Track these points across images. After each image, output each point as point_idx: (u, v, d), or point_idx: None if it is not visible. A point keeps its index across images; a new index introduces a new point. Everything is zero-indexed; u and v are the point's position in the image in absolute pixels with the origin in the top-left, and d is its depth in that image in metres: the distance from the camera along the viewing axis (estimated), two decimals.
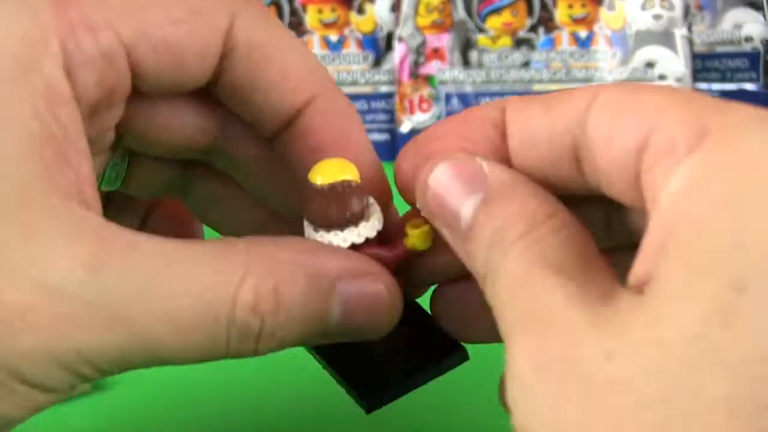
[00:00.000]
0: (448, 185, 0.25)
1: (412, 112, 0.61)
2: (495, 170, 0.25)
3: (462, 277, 0.28)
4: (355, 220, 0.27)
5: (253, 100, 0.29)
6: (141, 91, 0.28)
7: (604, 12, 0.63)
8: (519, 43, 0.63)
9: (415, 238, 0.27)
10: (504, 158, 0.26)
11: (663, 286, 0.20)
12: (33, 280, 0.23)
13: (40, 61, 0.25)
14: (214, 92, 0.29)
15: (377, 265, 0.27)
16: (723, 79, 0.65)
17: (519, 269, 0.23)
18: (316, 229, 0.27)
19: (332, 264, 0.26)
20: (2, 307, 0.23)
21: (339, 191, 0.27)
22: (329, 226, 0.27)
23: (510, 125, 0.26)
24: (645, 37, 0.62)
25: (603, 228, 0.28)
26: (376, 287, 0.27)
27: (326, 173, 0.27)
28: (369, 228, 0.27)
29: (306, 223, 0.27)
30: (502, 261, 0.23)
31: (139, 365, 0.24)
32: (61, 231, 0.24)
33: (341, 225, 0.27)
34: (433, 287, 0.30)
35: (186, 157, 0.31)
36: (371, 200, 0.28)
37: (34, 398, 0.24)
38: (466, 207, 0.25)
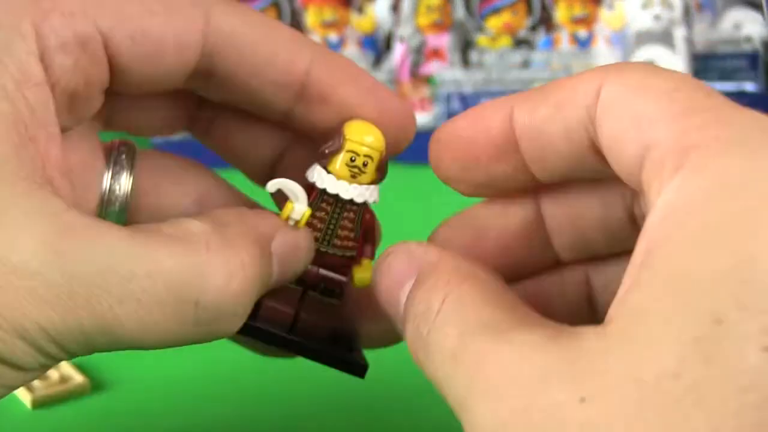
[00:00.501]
0: (390, 279, 0.26)
1: None
2: (426, 254, 0.26)
3: None
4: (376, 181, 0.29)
5: (252, 85, 0.29)
6: (122, 86, 0.28)
7: (603, 12, 0.63)
8: (519, 43, 0.63)
9: (360, 276, 0.29)
10: (518, 163, 0.26)
11: (640, 322, 0.20)
12: None
13: (12, 44, 0.25)
14: (209, 92, 0.30)
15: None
16: (722, 79, 0.65)
17: (450, 337, 0.23)
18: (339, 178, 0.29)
19: (268, 220, 0.28)
20: None
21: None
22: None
23: (521, 129, 0.26)
24: (645, 37, 0.62)
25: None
26: (296, 238, 0.28)
27: (368, 138, 0.29)
28: (376, 192, 0.29)
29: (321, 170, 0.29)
30: (432, 333, 0.23)
31: (103, 347, 0.25)
32: (25, 212, 0.24)
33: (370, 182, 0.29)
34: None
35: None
36: None
37: (5, 375, 0.24)
38: (402, 294, 0.25)
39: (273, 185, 0.29)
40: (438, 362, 0.23)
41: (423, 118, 0.61)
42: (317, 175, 0.29)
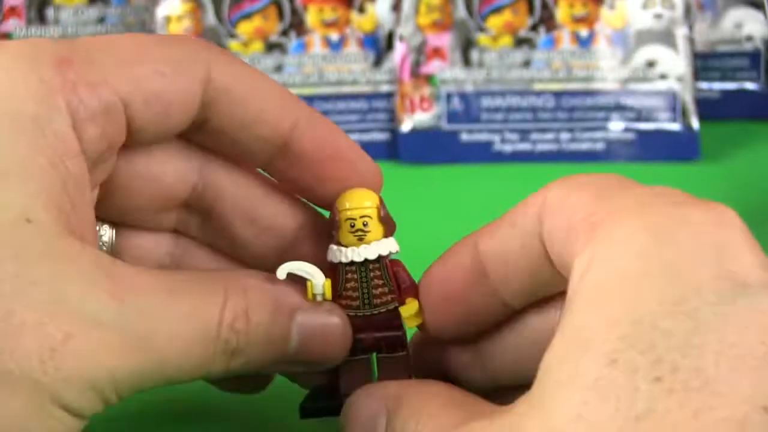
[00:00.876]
0: (360, 428, 0.29)
1: (412, 111, 0.61)
2: (387, 392, 0.29)
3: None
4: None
5: (239, 137, 0.31)
6: (130, 142, 0.30)
7: (604, 11, 0.63)
8: (520, 42, 0.62)
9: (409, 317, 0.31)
10: (489, 290, 0.29)
11: (550, 379, 0.22)
12: (71, 312, 0.25)
13: (52, 118, 0.27)
14: (199, 139, 0.31)
15: (331, 302, 0.30)
16: (723, 79, 0.65)
17: None
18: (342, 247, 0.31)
19: (292, 296, 0.30)
20: (46, 337, 0.24)
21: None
22: (393, 231, 0.31)
23: (485, 255, 0.29)
24: (646, 37, 0.62)
25: None
26: (330, 319, 0.30)
27: (356, 201, 0.30)
28: (392, 243, 0.31)
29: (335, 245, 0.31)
30: None
31: (148, 386, 0.27)
32: (83, 269, 0.26)
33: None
34: None
35: (164, 223, 0.33)
36: None
37: (65, 422, 0.25)
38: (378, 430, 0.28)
39: (282, 271, 0.30)
40: None
41: (423, 117, 0.61)
42: (332, 253, 0.31)
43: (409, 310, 0.30)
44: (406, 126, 0.61)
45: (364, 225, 0.30)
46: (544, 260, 0.27)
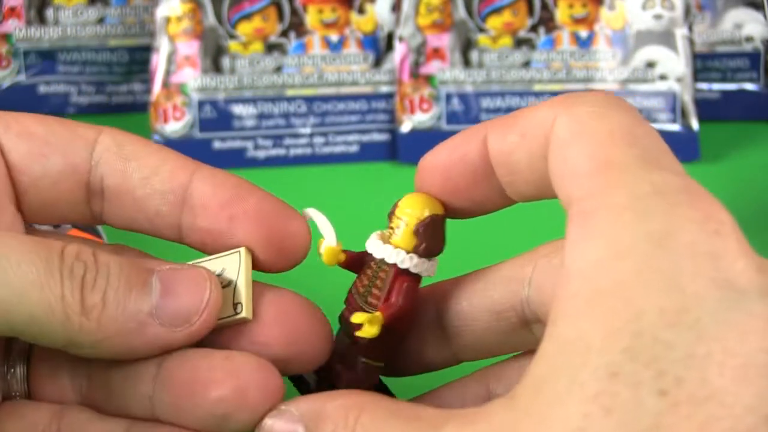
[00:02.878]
0: None
1: (412, 111, 0.61)
2: (301, 406, 0.27)
3: None
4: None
5: (139, 195, 0.31)
6: (26, 204, 0.30)
7: (604, 12, 0.63)
8: (519, 42, 0.62)
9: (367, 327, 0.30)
10: (496, 186, 0.28)
11: (545, 388, 0.22)
12: None
13: None
14: (110, 218, 0.32)
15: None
16: (723, 79, 0.65)
17: None
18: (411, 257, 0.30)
19: (150, 262, 0.29)
20: None
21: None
22: (431, 255, 0.30)
23: (494, 155, 0.28)
24: (645, 37, 0.62)
25: None
26: (191, 269, 0.30)
27: (406, 202, 0.30)
28: (414, 260, 0.30)
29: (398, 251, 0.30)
30: None
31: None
32: None
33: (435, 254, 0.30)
34: None
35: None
36: None
37: None
38: None
39: (308, 213, 0.30)
40: None
41: (423, 118, 0.61)
42: (370, 238, 0.31)
43: (364, 318, 0.29)
44: (405, 126, 0.61)
45: (397, 227, 0.30)
46: (549, 180, 0.26)
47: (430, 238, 0.30)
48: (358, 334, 0.29)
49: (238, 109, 0.61)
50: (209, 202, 0.30)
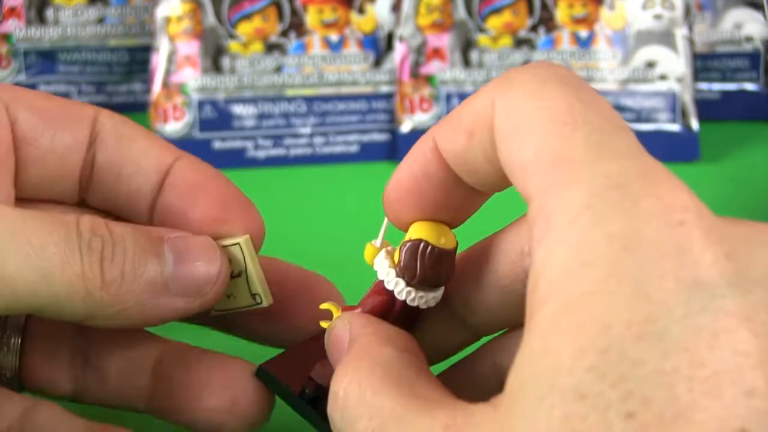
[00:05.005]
0: (335, 348, 0.28)
1: (412, 111, 0.61)
2: (353, 328, 0.28)
3: None
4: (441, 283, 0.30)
5: (125, 173, 0.32)
6: (25, 178, 0.31)
7: (604, 12, 0.63)
8: (519, 42, 0.62)
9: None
10: (460, 183, 0.27)
11: (519, 400, 0.21)
12: None
13: None
14: (88, 200, 0.32)
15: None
16: (723, 79, 0.65)
17: (365, 423, 0.24)
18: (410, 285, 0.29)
19: (158, 229, 0.30)
20: None
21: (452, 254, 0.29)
22: (435, 285, 0.29)
23: (448, 158, 0.27)
24: (645, 37, 0.62)
25: None
26: (202, 238, 0.30)
27: (448, 236, 0.29)
28: (392, 278, 0.29)
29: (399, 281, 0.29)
30: (352, 419, 0.25)
31: (25, 290, 0.27)
32: None
33: (438, 285, 0.29)
34: None
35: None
36: None
37: None
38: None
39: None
40: None
41: (423, 118, 0.61)
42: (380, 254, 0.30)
43: (329, 306, 0.30)
44: (405, 126, 0.61)
45: (394, 248, 0.30)
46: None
47: (407, 261, 0.29)
48: (321, 323, 0.30)
49: (238, 109, 0.61)
50: (181, 183, 0.32)
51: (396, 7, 0.63)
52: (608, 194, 0.22)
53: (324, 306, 0.30)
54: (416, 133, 0.61)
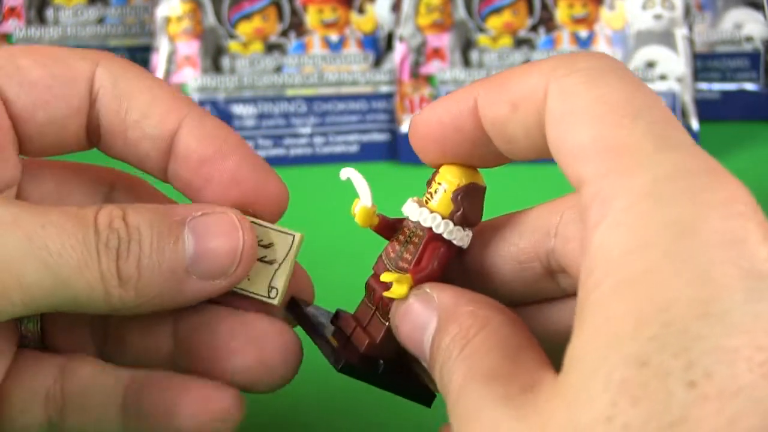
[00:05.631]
0: (411, 323, 0.28)
1: (412, 111, 0.61)
2: (442, 297, 0.27)
3: None
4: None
5: (130, 137, 0.31)
6: (28, 141, 0.30)
7: (604, 12, 0.63)
8: (519, 42, 0.62)
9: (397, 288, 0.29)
10: (491, 147, 0.28)
11: (576, 371, 0.22)
12: None
13: None
14: (103, 150, 0.32)
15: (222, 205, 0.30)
16: (723, 79, 0.65)
17: (457, 384, 0.25)
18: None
19: (182, 209, 0.29)
20: None
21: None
22: (466, 223, 0.29)
23: (486, 122, 0.27)
24: (645, 37, 0.62)
25: None
26: (223, 216, 0.29)
27: (446, 169, 0.29)
28: (450, 227, 0.29)
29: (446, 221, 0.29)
30: (449, 380, 0.25)
31: (42, 290, 0.27)
32: None
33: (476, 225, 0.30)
34: None
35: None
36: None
37: None
38: (426, 339, 0.27)
39: (345, 173, 0.30)
40: (448, 400, 0.25)
41: None
42: (408, 201, 0.30)
43: (393, 277, 0.29)
44: (405, 126, 0.61)
45: (435, 192, 0.29)
46: (547, 147, 0.26)
47: (468, 205, 0.29)
48: (386, 294, 0.29)
49: (238, 109, 0.61)
50: (191, 156, 0.31)
51: (396, 7, 0.63)
52: (670, 182, 0.22)
53: (386, 277, 0.29)
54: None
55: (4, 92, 0.30)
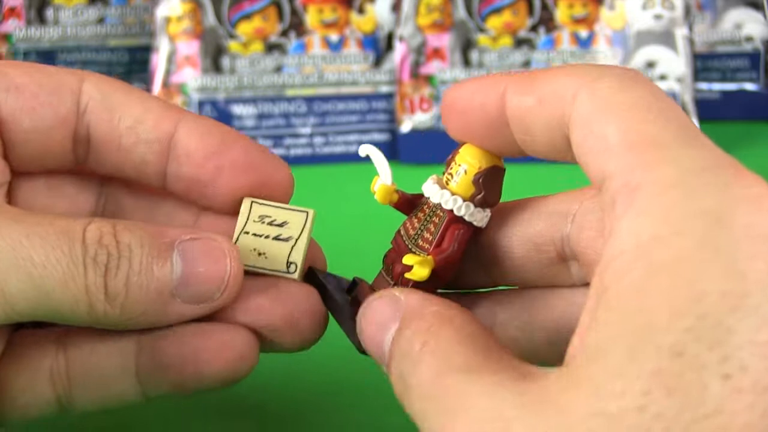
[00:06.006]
0: (375, 322, 0.28)
1: (412, 111, 0.61)
2: (408, 299, 0.27)
3: None
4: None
5: (124, 145, 0.31)
6: (13, 150, 0.30)
7: (604, 12, 0.63)
8: (519, 42, 0.62)
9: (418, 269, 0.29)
10: (509, 138, 0.28)
11: (600, 360, 0.21)
12: None
13: None
14: (91, 165, 0.32)
15: (214, 232, 0.30)
16: (723, 79, 0.65)
17: (427, 378, 0.24)
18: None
19: (172, 231, 0.29)
20: None
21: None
22: (487, 205, 0.30)
23: (510, 112, 0.28)
24: (645, 37, 0.62)
25: None
26: (211, 242, 0.30)
27: (467, 150, 0.29)
28: (470, 208, 0.30)
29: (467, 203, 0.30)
30: (412, 373, 0.25)
31: (26, 299, 0.27)
32: None
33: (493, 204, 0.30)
34: None
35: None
36: None
37: None
38: (387, 339, 0.27)
39: (364, 150, 0.31)
40: (415, 397, 0.24)
41: (423, 118, 0.61)
42: (426, 181, 0.30)
43: (415, 261, 0.29)
44: (405, 126, 0.61)
45: (457, 174, 0.30)
46: (569, 151, 0.26)
47: (489, 188, 0.29)
48: (408, 275, 0.29)
49: (238, 109, 0.61)
50: (194, 152, 0.31)
51: (396, 7, 0.63)
52: (700, 174, 0.23)
53: (409, 260, 0.29)
54: (416, 133, 0.61)
55: None
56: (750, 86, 0.65)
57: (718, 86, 0.65)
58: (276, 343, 0.31)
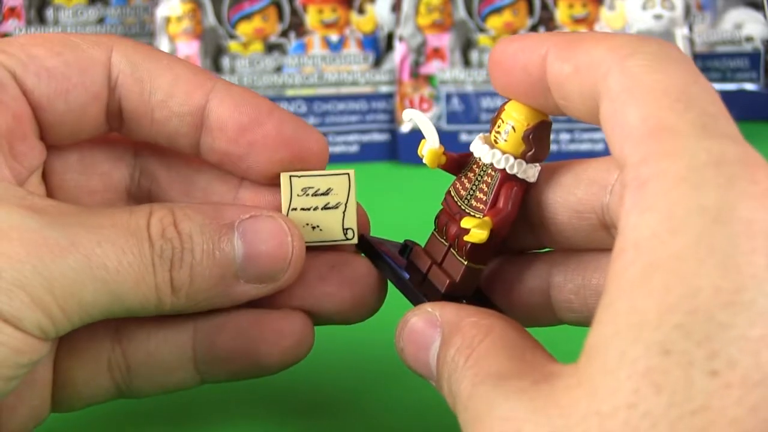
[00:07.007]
0: (416, 343, 0.28)
1: None
2: (444, 314, 0.28)
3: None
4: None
5: (157, 117, 0.31)
6: (49, 130, 0.30)
7: (604, 12, 0.63)
8: None
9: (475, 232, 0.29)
10: (550, 100, 0.28)
11: (599, 358, 0.22)
12: None
13: None
14: (131, 134, 0.32)
15: (270, 208, 0.30)
16: (723, 79, 0.65)
17: (466, 391, 0.25)
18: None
19: (230, 211, 0.29)
20: None
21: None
22: (537, 160, 0.30)
23: (550, 76, 0.28)
24: None
25: None
26: (272, 221, 0.30)
27: (514, 107, 0.29)
28: (523, 165, 0.30)
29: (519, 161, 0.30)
30: (458, 390, 0.25)
31: (93, 303, 0.27)
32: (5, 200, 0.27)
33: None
34: None
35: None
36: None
37: (16, 339, 0.26)
38: (431, 357, 0.27)
39: (408, 114, 0.31)
40: (458, 409, 0.25)
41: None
42: (474, 140, 0.30)
43: (474, 223, 0.29)
44: (405, 126, 0.61)
45: (505, 131, 0.30)
46: (599, 115, 0.26)
47: (539, 143, 0.29)
48: (467, 238, 0.29)
49: None
50: (227, 126, 0.30)
51: (396, 7, 0.63)
52: (706, 169, 0.22)
53: (467, 222, 0.29)
54: (416, 133, 0.61)
55: (22, 82, 0.30)
56: (750, 86, 0.65)
57: (718, 86, 0.65)
58: (337, 321, 0.31)
